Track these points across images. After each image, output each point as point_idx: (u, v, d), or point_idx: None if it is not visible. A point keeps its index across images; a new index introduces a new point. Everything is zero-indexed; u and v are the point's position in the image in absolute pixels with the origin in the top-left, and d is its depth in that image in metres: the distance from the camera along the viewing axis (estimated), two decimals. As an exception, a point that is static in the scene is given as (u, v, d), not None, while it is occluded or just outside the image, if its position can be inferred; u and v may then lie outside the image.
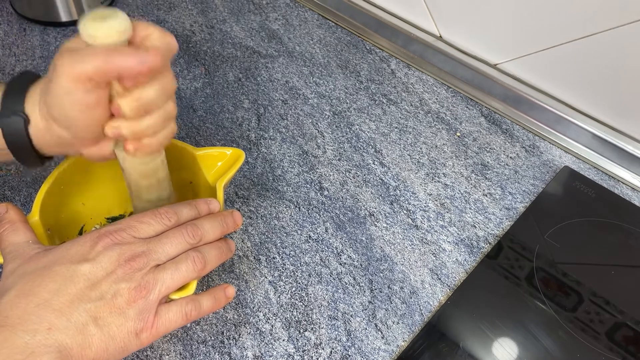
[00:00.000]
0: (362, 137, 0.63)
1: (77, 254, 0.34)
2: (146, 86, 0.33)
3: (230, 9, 0.80)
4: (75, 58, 0.31)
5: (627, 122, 0.62)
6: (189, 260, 0.36)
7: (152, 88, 0.33)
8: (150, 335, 0.34)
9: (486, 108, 0.69)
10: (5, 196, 0.53)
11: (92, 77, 0.31)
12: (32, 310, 0.31)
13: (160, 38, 0.33)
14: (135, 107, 0.33)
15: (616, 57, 0.58)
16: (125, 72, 0.31)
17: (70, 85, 0.31)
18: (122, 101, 0.33)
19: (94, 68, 0.31)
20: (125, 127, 0.34)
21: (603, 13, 0.57)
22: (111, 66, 0.31)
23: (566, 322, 0.48)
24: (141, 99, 0.33)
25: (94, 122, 0.34)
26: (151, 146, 0.36)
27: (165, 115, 0.36)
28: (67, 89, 0.31)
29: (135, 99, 0.33)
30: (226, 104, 0.66)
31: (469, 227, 0.55)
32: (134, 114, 0.34)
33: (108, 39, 0.31)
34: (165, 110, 0.35)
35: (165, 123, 0.36)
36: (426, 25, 0.74)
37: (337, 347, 0.45)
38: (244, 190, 0.57)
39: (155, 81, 0.34)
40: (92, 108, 0.33)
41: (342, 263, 0.51)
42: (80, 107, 0.32)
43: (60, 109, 0.33)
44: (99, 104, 0.33)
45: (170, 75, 0.35)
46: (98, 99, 0.32)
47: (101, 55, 0.31)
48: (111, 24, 0.31)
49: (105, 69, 0.31)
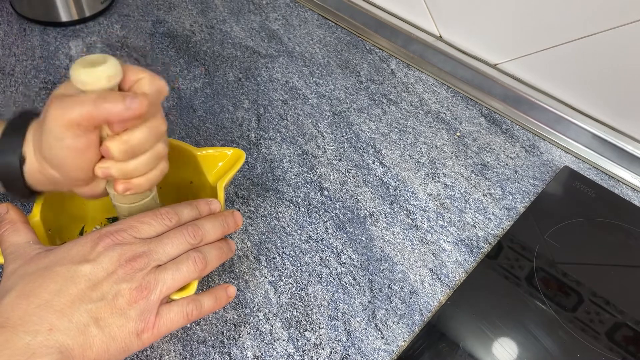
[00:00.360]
0: (362, 137, 0.63)
1: (78, 255, 0.34)
2: (135, 130, 0.34)
3: (230, 9, 0.80)
4: (64, 105, 0.32)
5: (627, 122, 0.62)
6: (189, 261, 0.36)
7: (141, 131, 0.34)
8: (151, 335, 0.34)
9: (486, 108, 0.69)
10: (5, 196, 0.53)
11: (81, 123, 0.32)
12: (33, 311, 0.31)
13: (150, 83, 0.34)
14: (123, 150, 0.34)
15: (616, 57, 0.58)
16: (113, 117, 0.32)
17: (59, 131, 0.32)
18: (110, 144, 0.34)
19: (82, 115, 0.31)
20: (114, 168, 0.35)
21: (603, 13, 0.57)
22: (99, 113, 0.31)
23: (566, 322, 0.48)
24: (129, 142, 0.34)
25: (83, 164, 0.34)
26: (141, 186, 0.37)
27: (155, 155, 0.36)
28: (56, 135, 0.32)
29: (123, 142, 0.34)
30: (226, 104, 0.66)
31: (469, 227, 0.55)
32: (123, 157, 0.34)
33: (98, 85, 0.32)
34: (155, 151, 0.36)
35: (154, 163, 0.37)
36: (426, 25, 0.74)
37: (337, 347, 0.45)
38: (244, 190, 0.57)
39: (145, 124, 0.34)
40: (82, 152, 0.33)
41: (342, 263, 0.51)
42: (70, 151, 0.33)
43: (51, 153, 0.34)
44: (89, 147, 0.33)
45: (160, 118, 0.36)
46: (87, 143, 0.33)
47: (89, 102, 0.31)
48: (100, 70, 0.32)
49: (93, 116, 0.31)
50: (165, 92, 0.36)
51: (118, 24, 0.75)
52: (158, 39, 0.73)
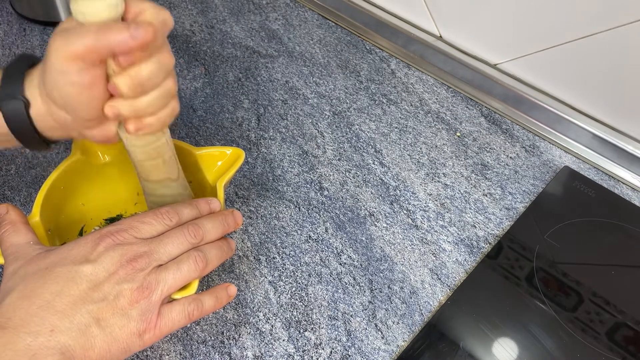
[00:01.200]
0: (362, 137, 0.63)
1: (79, 255, 0.34)
2: (142, 63, 0.33)
3: (230, 9, 0.80)
4: (66, 38, 0.30)
5: (627, 122, 0.62)
6: (190, 260, 0.36)
7: (149, 65, 0.33)
8: (153, 335, 0.34)
9: (486, 108, 0.69)
10: (5, 196, 0.53)
11: (85, 56, 0.31)
12: (34, 312, 0.31)
13: (154, 14, 0.33)
14: (132, 85, 0.33)
15: (616, 57, 0.58)
16: (118, 48, 0.31)
17: (63, 65, 0.31)
18: (118, 80, 0.32)
19: (85, 46, 0.30)
20: (124, 106, 0.34)
21: (603, 13, 0.57)
22: (102, 43, 0.30)
23: (566, 322, 0.48)
24: (138, 77, 0.33)
25: (91, 102, 0.33)
26: (152, 125, 0.36)
27: (165, 92, 0.35)
28: (60, 70, 0.31)
29: (131, 76, 0.32)
30: (226, 104, 0.66)
31: (469, 227, 0.55)
32: (132, 93, 0.33)
33: (99, 16, 0.31)
34: (164, 88, 0.35)
35: (165, 101, 0.35)
36: (426, 25, 0.74)
37: (337, 347, 0.45)
38: (244, 190, 0.57)
39: (152, 58, 0.33)
40: (88, 88, 0.32)
41: (342, 263, 0.51)
42: (75, 87, 0.32)
43: (56, 90, 0.33)
44: (95, 83, 0.32)
45: (167, 51, 0.34)
46: (93, 78, 0.32)
47: (92, 32, 0.30)
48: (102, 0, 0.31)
49: (97, 47, 0.30)
50: (171, 23, 0.34)
51: (118, 23, 0.75)
52: (158, 38, 0.73)
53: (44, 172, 0.55)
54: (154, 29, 0.31)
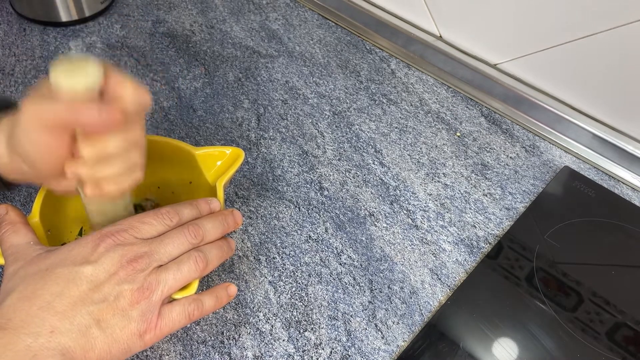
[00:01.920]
0: (362, 137, 0.63)
1: (79, 256, 0.34)
2: (110, 138, 0.33)
3: (230, 9, 0.80)
4: (40, 105, 0.31)
5: (627, 122, 0.62)
6: (191, 261, 0.36)
7: (115, 141, 0.33)
8: (153, 336, 0.34)
9: (486, 108, 0.69)
10: (5, 196, 0.53)
11: (53, 126, 0.31)
12: (34, 313, 0.31)
13: (132, 95, 0.33)
14: (95, 155, 0.33)
15: (616, 57, 0.58)
16: (85, 125, 0.32)
17: (31, 129, 0.32)
18: (83, 147, 0.33)
19: (55, 118, 0.31)
20: (84, 172, 0.34)
21: (603, 13, 0.57)
22: (71, 119, 0.31)
23: (566, 322, 0.48)
24: (103, 150, 0.33)
25: (54, 162, 0.34)
26: (111, 193, 0.36)
27: (129, 165, 0.35)
28: (28, 132, 0.32)
29: (96, 148, 0.33)
30: (226, 104, 0.66)
31: (469, 227, 0.55)
32: (94, 162, 0.34)
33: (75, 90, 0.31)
34: (128, 161, 0.35)
35: (128, 172, 0.36)
36: (426, 25, 0.74)
37: (337, 347, 0.45)
38: (244, 190, 0.57)
39: (120, 134, 0.34)
40: (52, 151, 0.33)
41: (342, 263, 0.51)
42: (40, 149, 0.33)
43: (21, 147, 0.33)
44: (60, 147, 0.33)
45: (139, 129, 0.35)
46: (59, 143, 0.33)
47: (63, 107, 0.31)
48: (80, 77, 0.31)
49: (66, 121, 0.31)
50: (148, 104, 0.35)
51: (118, 24, 0.75)
52: (158, 38, 0.73)
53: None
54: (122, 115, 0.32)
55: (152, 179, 0.49)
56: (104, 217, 0.39)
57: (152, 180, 0.49)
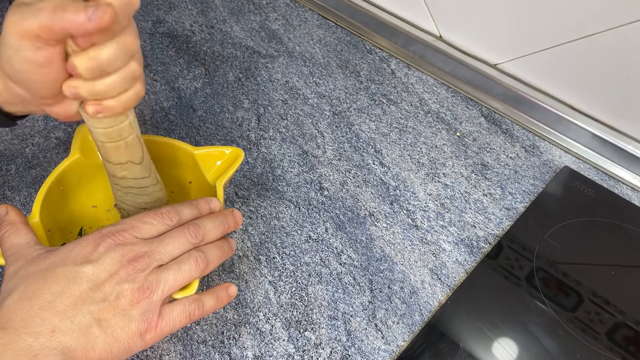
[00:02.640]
0: (362, 137, 0.63)
1: (80, 256, 0.34)
2: (103, 45, 0.31)
3: (230, 9, 0.80)
4: (21, 15, 0.29)
5: (627, 122, 0.62)
6: (191, 260, 0.36)
7: (110, 47, 0.31)
8: (154, 335, 0.34)
9: (486, 108, 0.69)
10: (5, 196, 0.53)
11: (39, 35, 0.29)
12: (35, 313, 0.31)
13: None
14: (91, 67, 0.31)
15: (616, 57, 0.58)
16: (73, 30, 0.29)
17: (17, 42, 0.29)
18: (76, 60, 0.30)
19: (39, 25, 0.28)
20: (83, 87, 0.32)
21: (603, 13, 0.57)
22: (57, 23, 0.28)
23: (566, 322, 0.48)
24: (97, 59, 0.31)
25: (47, 81, 0.32)
26: (113, 108, 0.34)
27: (128, 75, 0.33)
28: (14, 47, 0.30)
29: (90, 58, 0.30)
30: (226, 104, 0.66)
31: (469, 227, 0.55)
32: (90, 75, 0.31)
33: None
34: (127, 71, 0.33)
35: (128, 84, 0.33)
36: (426, 25, 0.74)
37: (337, 347, 0.45)
38: (244, 190, 0.57)
39: (114, 40, 0.31)
40: (43, 66, 0.31)
41: (342, 263, 0.51)
42: (30, 66, 0.31)
43: (10, 66, 0.31)
44: (51, 62, 0.31)
45: (132, 33, 0.32)
46: (48, 57, 0.30)
47: (47, 12, 0.28)
48: None
49: (51, 27, 0.29)
50: (136, 4, 0.31)
51: (118, 23, 0.75)
52: (158, 38, 0.73)
53: (44, 172, 0.55)
54: (113, 11, 0.29)
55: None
56: (110, 138, 0.37)
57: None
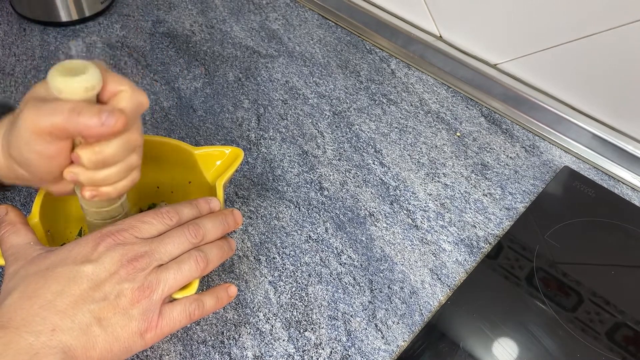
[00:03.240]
0: (362, 137, 0.63)
1: (80, 255, 0.34)
2: (108, 142, 0.33)
3: (230, 9, 0.80)
4: (38, 110, 0.31)
5: (627, 122, 0.62)
6: (191, 260, 0.36)
7: (114, 144, 0.33)
8: (154, 335, 0.34)
9: (486, 108, 0.69)
10: (5, 196, 0.53)
11: (52, 132, 0.31)
12: (35, 312, 0.31)
13: (130, 97, 0.33)
14: (94, 160, 0.33)
15: (616, 57, 0.58)
16: (87, 132, 0.31)
17: (30, 136, 0.31)
18: (81, 152, 0.33)
19: (55, 125, 0.31)
20: (83, 175, 0.34)
21: (603, 13, 0.57)
22: (72, 125, 0.30)
23: (566, 322, 0.48)
24: (101, 154, 0.33)
25: (52, 168, 0.34)
26: (109, 194, 0.36)
27: (127, 167, 0.35)
28: (27, 140, 0.32)
29: (95, 152, 0.33)
30: (226, 104, 0.66)
31: (469, 227, 0.55)
32: (93, 167, 0.34)
33: (75, 95, 0.31)
34: (127, 163, 0.35)
35: (125, 174, 0.36)
36: (426, 25, 0.74)
37: (337, 347, 0.45)
38: (244, 190, 0.57)
39: (119, 137, 0.33)
40: (51, 158, 0.33)
41: (342, 263, 0.51)
42: (39, 156, 0.33)
43: (20, 155, 0.33)
44: (59, 154, 0.33)
45: (136, 131, 0.35)
46: (58, 150, 0.32)
47: (63, 112, 0.30)
48: (79, 81, 0.31)
49: (66, 127, 0.31)
50: (146, 106, 0.34)
51: (118, 24, 0.75)
52: (158, 38, 0.73)
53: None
54: (125, 118, 0.31)
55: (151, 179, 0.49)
56: (101, 216, 0.39)
57: (152, 180, 0.49)
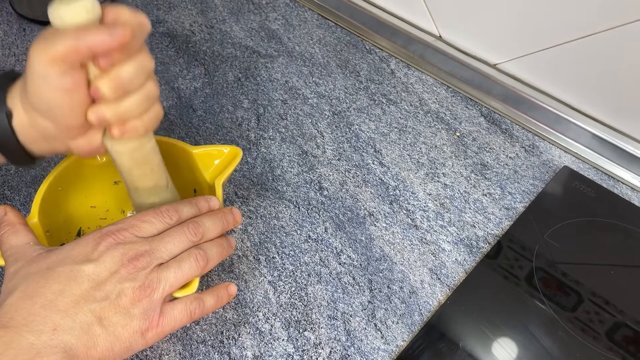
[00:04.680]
0: (361, 137, 0.63)
1: (80, 255, 0.34)
2: (123, 64, 0.33)
3: (230, 9, 0.80)
4: (47, 42, 0.31)
5: (627, 122, 0.62)
6: (191, 258, 0.36)
7: (129, 66, 0.33)
8: (155, 334, 0.34)
9: (486, 108, 0.69)
10: (5, 196, 0.53)
11: (65, 57, 0.31)
12: (37, 311, 0.31)
13: (130, 17, 0.33)
14: (113, 86, 0.33)
15: (616, 57, 0.58)
16: (97, 48, 0.31)
17: (44, 69, 0.31)
18: (99, 82, 0.33)
19: (66, 47, 0.30)
20: (107, 110, 0.34)
21: (603, 13, 0.57)
22: (82, 43, 0.31)
23: (566, 322, 0.48)
24: (119, 78, 0.33)
25: (74, 106, 0.33)
26: (137, 129, 0.36)
27: (147, 94, 0.35)
28: (42, 74, 0.31)
29: (112, 78, 0.33)
30: (226, 104, 0.66)
31: (469, 227, 0.55)
32: (114, 94, 0.33)
33: (77, 19, 0.31)
34: (146, 90, 0.35)
35: (148, 104, 0.36)
36: (426, 25, 0.74)
37: (337, 347, 0.45)
38: (244, 190, 0.57)
39: (132, 59, 0.33)
40: (70, 91, 0.32)
41: (341, 263, 0.51)
42: (57, 91, 0.32)
43: (38, 96, 0.33)
44: (76, 86, 0.32)
45: (146, 54, 0.35)
46: (74, 81, 0.32)
47: (71, 34, 0.31)
48: (79, 4, 0.31)
49: (77, 47, 0.31)
50: (148, 26, 0.34)
51: (118, 23, 0.75)
52: (158, 38, 0.73)
53: (43, 172, 0.55)
54: (131, 28, 0.31)
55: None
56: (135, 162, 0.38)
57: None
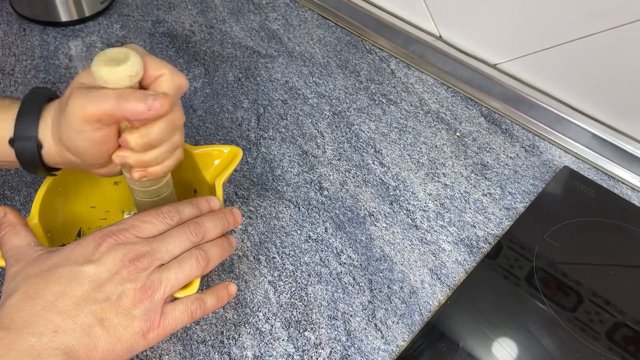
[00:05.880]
0: (361, 137, 0.63)
1: (81, 256, 0.34)
2: (153, 124, 0.34)
3: (230, 9, 0.80)
4: (86, 98, 0.32)
5: (627, 122, 0.62)
6: (192, 259, 0.36)
7: (159, 126, 0.35)
8: (157, 334, 0.34)
9: (486, 108, 0.69)
10: (5, 196, 0.53)
11: (101, 119, 0.33)
12: (37, 313, 0.31)
13: (170, 80, 0.35)
14: (141, 143, 0.35)
15: (616, 57, 0.58)
16: (134, 116, 0.33)
17: (80, 124, 0.33)
18: (129, 136, 0.34)
19: (104, 112, 0.32)
20: (132, 157, 0.36)
21: (603, 13, 0.57)
22: (120, 111, 0.32)
23: (566, 322, 0.48)
24: (148, 136, 0.35)
25: (102, 153, 0.36)
26: (156, 174, 0.37)
27: (171, 147, 0.37)
28: (77, 128, 0.33)
29: (142, 135, 0.34)
30: (226, 104, 0.66)
31: (469, 227, 0.55)
32: (140, 149, 0.35)
33: (119, 84, 0.33)
34: (171, 143, 0.37)
35: (170, 153, 0.37)
36: (426, 25, 0.74)
37: (337, 347, 0.45)
38: (244, 190, 0.57)
39: (163, 119, 0.35)
40: (101, 143, 0.35)
41: (341, 263, 0.51)
42: (89, 143, 0.34)
43: (71, 142, 0.35)
44: (108, 139, 0.35)
45: (178, 111, 0.36)
46: (107, 135, 0.34)
47: (111, 99, 0.32)
48: (123, 70, 0.32)
49: (114, 113, 0.32)
50: (185, 87, 0.36)
51: (118, 23, 0.75)
52: (158, 38, 0.73)
53: (43, 172, 0.55)
54: (169, 101, 0.33)
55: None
56: (149, 195, 0.41)
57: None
